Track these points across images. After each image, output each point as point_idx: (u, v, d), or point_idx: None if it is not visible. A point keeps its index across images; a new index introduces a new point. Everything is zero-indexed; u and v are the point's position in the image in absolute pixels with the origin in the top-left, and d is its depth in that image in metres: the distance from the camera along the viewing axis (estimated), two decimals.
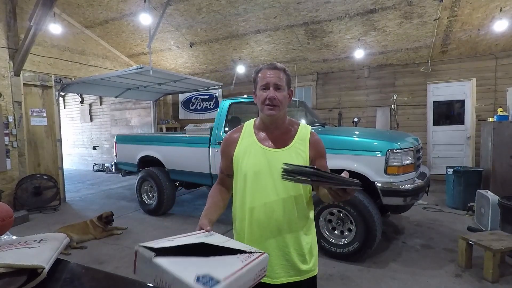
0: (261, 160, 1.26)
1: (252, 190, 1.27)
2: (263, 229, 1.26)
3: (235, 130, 1.41)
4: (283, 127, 1.32)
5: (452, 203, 4.94)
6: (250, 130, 1.35)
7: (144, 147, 5.23)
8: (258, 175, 1.25)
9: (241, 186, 1.30)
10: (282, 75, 1.25)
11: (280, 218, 1.25)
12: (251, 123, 1.39)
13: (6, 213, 0.99)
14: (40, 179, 5.53)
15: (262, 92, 1.25)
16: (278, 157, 1.25)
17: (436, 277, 2.87)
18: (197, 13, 5.95)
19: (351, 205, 3.10)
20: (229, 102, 4.24)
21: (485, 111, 6.04)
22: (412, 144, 3.35)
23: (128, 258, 3.47)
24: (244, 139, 1.33)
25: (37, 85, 5.81)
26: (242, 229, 1.31)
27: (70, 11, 6.35)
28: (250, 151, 1.29)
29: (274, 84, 1.23)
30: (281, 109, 1.26)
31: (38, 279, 0.74)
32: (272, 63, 1.28)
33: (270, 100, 1.22)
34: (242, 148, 1.31)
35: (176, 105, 9.65)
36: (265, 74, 1.25)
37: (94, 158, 10.47)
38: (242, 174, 1.29)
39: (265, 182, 1.25)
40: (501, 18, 4.83)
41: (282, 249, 1.26)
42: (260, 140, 1.30)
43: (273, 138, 1.30)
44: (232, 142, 1.35)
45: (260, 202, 1.26)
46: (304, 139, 1.31)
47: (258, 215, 1.26)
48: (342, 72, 7.49)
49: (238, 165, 1.31)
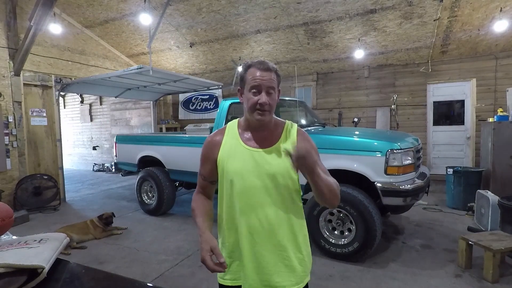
0: (247, 161, 1.20)
1: (240, 193, 1.19)
2: (256, 234, 1.18)
3: (217, 132, 1.32)
4: (269, 127, 1.26)
5: (452, 203, 4.94)
6: (234, 131, 1.28)
7: (144, 147, 5.23)
8: (245, 177, 1.18)
9: (228, 190, 1.22)
10: (274, 77, 1.17)
11: (274, 220, 1.18)
12: (234, 124, 1.31)
13: (6, 213, 0.99)
14: (40, 179, 5.53)
15: (252, 95, 1.16)
16: (265, 157, 1.20)
17: (436, 277, 2.86)
18: (197, 13, 5.95)
19: (351, 205, 3.10)
20: (229, 102, 4.24)
21: (485, 111, 6.03)
22: (412, 144, 3.35)
23: (128, 258, 3.47)
24: (228, 141, 1.26)
25: (37, 85, 5.81)
26: (231, 236, 1.24)
27: (70, 11, 6.35)
28: (235, 153, 1.22)
29: (267, 88, 1.15)
30: (272, 113, 1.20)
31: (38, 279, 0.74)
32: (263, 62, 1.18)
33: (262, 106, 1.15)
34: (226, 151, 1.24)
35: (176, 105, 9.65)
36: (257, 75, 1.15)
37: (94, 158, 10.47)
38: (228, 177, 1.21)
39: (254, 183, 1.18)
40: (501, 18, 4.83)
41: (280, 253, 1.19)
42: (245, 141, 1.24)
43: (259, 138, 1.24)
44: (215, 145, 1.27)
45: (249, 205, 1.18)
46: (290, 137, 1.25)
47: (249, 219, 1.18)
48: (342, 72, 7.49)
49: (223, 168, 1.23)
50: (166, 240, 3.96)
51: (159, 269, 3.17)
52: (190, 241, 3.88)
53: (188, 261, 3.33)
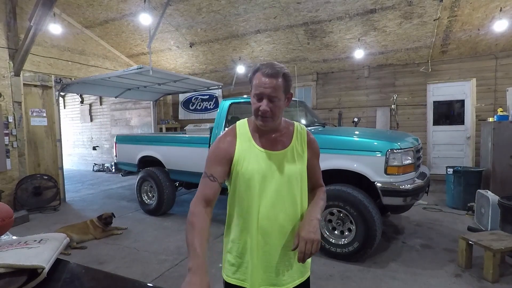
0: (263, 163, 1.21)
1: (255, 195, 1.20)
2: (267, 235, 1.21)
3: (228, 133, 1.29)
4: (280, 129, 1.27)
5: (452, 203, 4.94)
6: (246, 132, 1.27)
7: (144, 147, 5.23)
8: (261, 179, 1.20)
9: (242, 192, 1.22)
10: (279, 83, 1.14)
11: (285, 221, 1.22)
12: (244, 124, 1.30)
13: (6, 213, 0.99)
14: (40, 179, 5.53)
15: (255, 100, 1.17)
16: (279, 159, 1.22)
17: (436, 277, 2.87)
18: (197, 13, 5.95)
19: (351, 205, 3.10)
20: (229, 102, 4.24)
21: (485, 111, 6.04)
22: (412, 144, 3.35)
23: (128, 258, 3.47)
24: (241, 142, 1.25)
25: (37, 85, 5.81)
26: (242, 237, 1.24)
27: (70, 11, 6.35)
28: (250, 155, 1.22)
29: (268, 96, 1.14)
30: (275, 119, 1.19)
31: (38, 279, 0.74)
32: (272, 65, 1.15)
33: (263, 113, 1.15)
34: (241, 152, 1.23)
35: (176, 105, 9.65)
36: (260, 81, 1.13)
37: (94, 158, 10.47)
38: (244, 179, 1.21)
39: (269, 185, 1.20)
40: (501, 18, 4.83)
41: (287, 253, 1.23)
42: (258, 142, 1.24)
43: (271, 140, 1.25)
44: (229, 145, 1.24)
45: (263, 207, 1.20)
46: (301, 139, 1.29)
47: (261, 221, 1.20)
48: (342, 72, 7.49)
49: (237, 170, 1.22)
50: (166, 240, 3.96)
51: (159, 269, 3.17)
52: None
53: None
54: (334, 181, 3.32)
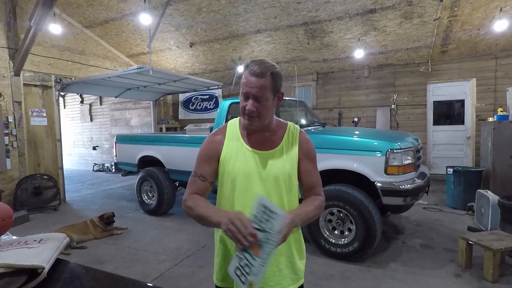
0: (250, 162, 1.18)
1: (241, 195, 1.18)
2: None
3: (217, 131, 1.29)
4: (271, 128, 1.24)
5: (452, 203, 4.94)
6: (236, 131, 1.25)
7: (144, 147, 5.23)
8: (247, 178, 1.17)
9: (228, 191, 1.20)
10: (266, 83, 1.10)
11: None
12: (235, 123, 1.28)
13: (6, 213, 0.99)
14: (40, 179, 5.53)
15: (242, 99, 1.15)
16: (267, 159, 1.19)
17: (436, 277, 2.87)
18: (197, 13, 5.95)
19: (351, 205, 3.10)
20: (229, 102, 4.24)
21: (485, 111, 6.04)
22: (412, 144, 3.35)
23: (128, 258, 3.47)
24: (230, 141, 1.23)
25: (37, 85, 5.81)
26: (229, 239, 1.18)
27: (70, 11, 6.35)
28: (237, 154, 1.20)
29: (254, 96, 1.11)
30: (262, 119, 1.16)
31: (38, 279, 0.74)
32: (260, 63, 1.11)
33: (249, 112, 1.13)
34: (228, 150, 1.21)
35: (176, 105, 9.65)
36: (247, 80, 1.11)
37: (94, 158, 10.47)
38: (230, 178, 1.19)
39: (255, 185, 1.17)
40: (501, 18, 4.83)
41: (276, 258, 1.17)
42: (247, 142, 1.22)
43: (260, 139, 1.22)
44: (218, 144, 1.23)
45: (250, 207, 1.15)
46: (293, 139, 1.24)
47: None
48: (342, 72, 7.49)
49: (224, 168, 1.21)
50: (166, 240, 3.96)
51: (159, 269, 3.17)
52: (190, 241, 3.89)
53: (188, 261, 3.33)
54: (334, 181, 3.32)
